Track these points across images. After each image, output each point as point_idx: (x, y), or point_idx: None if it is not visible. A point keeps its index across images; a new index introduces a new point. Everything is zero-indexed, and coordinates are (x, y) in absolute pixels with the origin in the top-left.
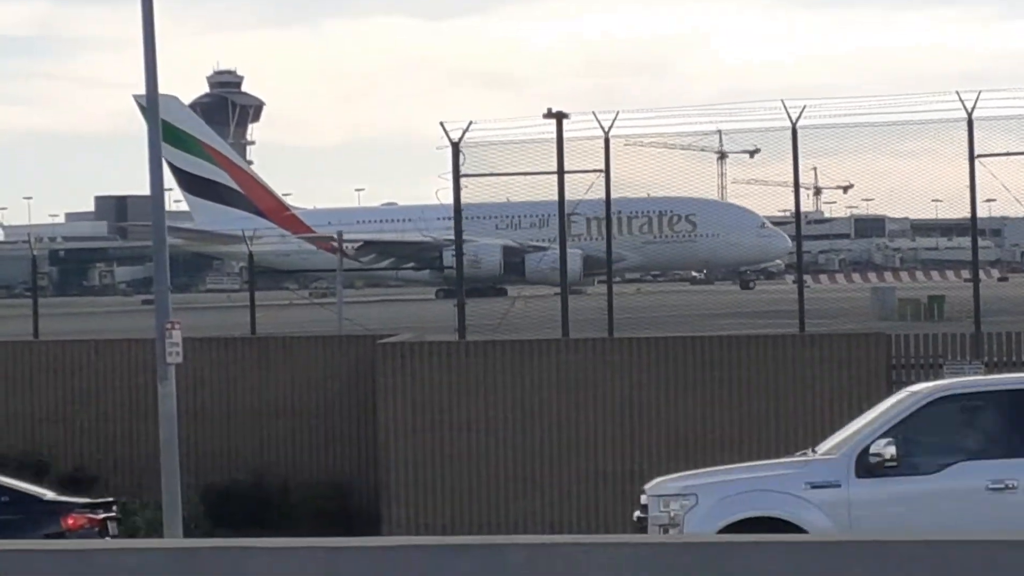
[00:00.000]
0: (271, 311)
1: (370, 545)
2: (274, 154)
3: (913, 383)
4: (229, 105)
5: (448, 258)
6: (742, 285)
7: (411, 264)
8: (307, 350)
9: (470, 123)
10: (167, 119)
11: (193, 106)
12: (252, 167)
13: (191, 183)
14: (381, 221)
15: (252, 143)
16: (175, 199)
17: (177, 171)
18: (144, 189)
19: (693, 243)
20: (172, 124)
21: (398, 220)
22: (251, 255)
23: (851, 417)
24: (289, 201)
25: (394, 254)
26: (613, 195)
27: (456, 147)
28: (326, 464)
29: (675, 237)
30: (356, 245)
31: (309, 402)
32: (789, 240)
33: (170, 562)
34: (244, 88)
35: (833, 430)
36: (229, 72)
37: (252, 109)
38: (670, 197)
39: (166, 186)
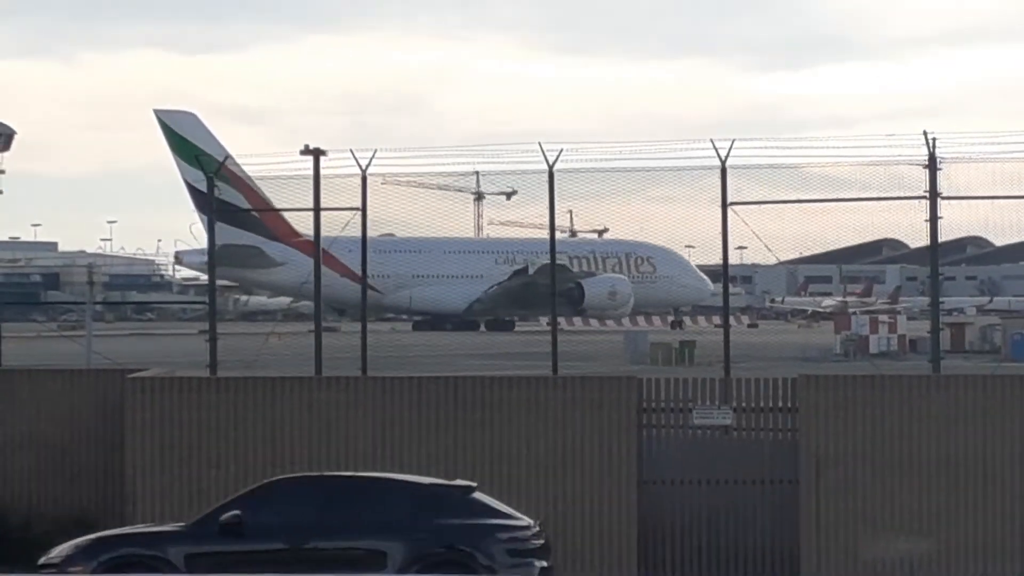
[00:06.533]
0: (18, 343)
1: None
2: (25, 184)
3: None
4: None
5: (589, 288)
6: (673, 325)
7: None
8: (53, 383)
9: (227, 157)
10: (186, 136)
11: None
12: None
13: (208, 204)
14: (407, 251)
15: (2, 172)
16: None
17: (194, 191)
18: None
19: (654, 284)
20: (191, 142)
21: (415, 252)
22: None
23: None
24: (40, 231)
25: (535, 279)
26: (539, 235)
27: (212, 181)
28: (71, 499)
29: (641, 278)
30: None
31: (54, 436)
32: (712, 284)
33: None
34: None
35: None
36: None
37: (3, 138)
38: (627, 240)
39: None
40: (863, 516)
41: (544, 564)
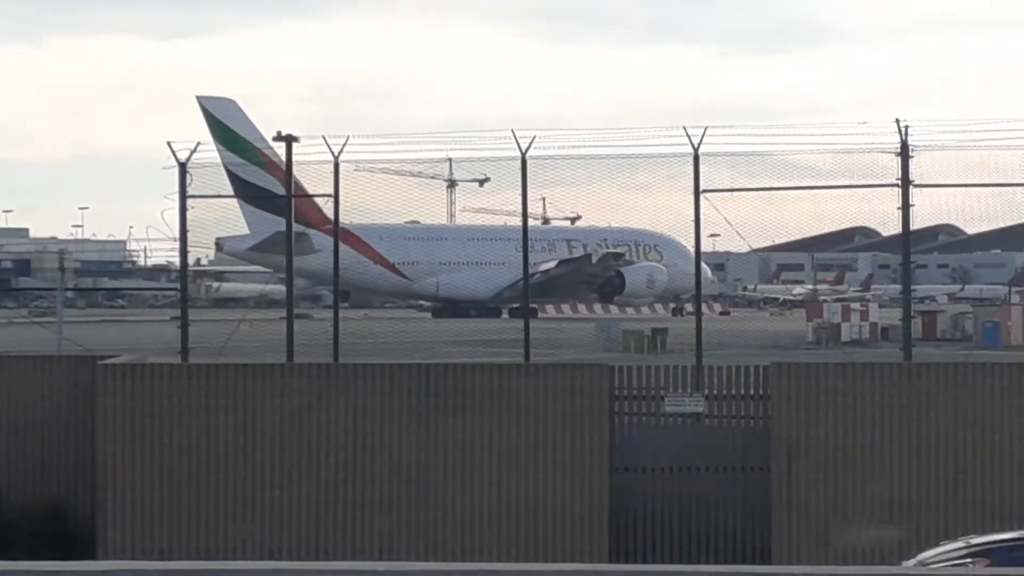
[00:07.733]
0: None
1: (84, 569)
2: None
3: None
4: None
5: (630, 276)
6: (674, 312)
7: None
8: (24, 369)
9: (198, 144)
10: (228, 123)
11: None
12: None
13: (246, 191)
14: (433, 239)
15: None
16: None
17: (234, 178)
18: None
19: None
20: (232, 129)
21: (440, 239)
22: None
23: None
24: (11, 217)
25: (573, 266)
26: (514, 222)
27: (183, 167)
28: (42, 486)
29: None
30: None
31: (26, 422)
32: (711, 271)
33: None
34: None
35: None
36: None
37: None
38: (634, 228)
39: None
40: (834, 503)
41: None
